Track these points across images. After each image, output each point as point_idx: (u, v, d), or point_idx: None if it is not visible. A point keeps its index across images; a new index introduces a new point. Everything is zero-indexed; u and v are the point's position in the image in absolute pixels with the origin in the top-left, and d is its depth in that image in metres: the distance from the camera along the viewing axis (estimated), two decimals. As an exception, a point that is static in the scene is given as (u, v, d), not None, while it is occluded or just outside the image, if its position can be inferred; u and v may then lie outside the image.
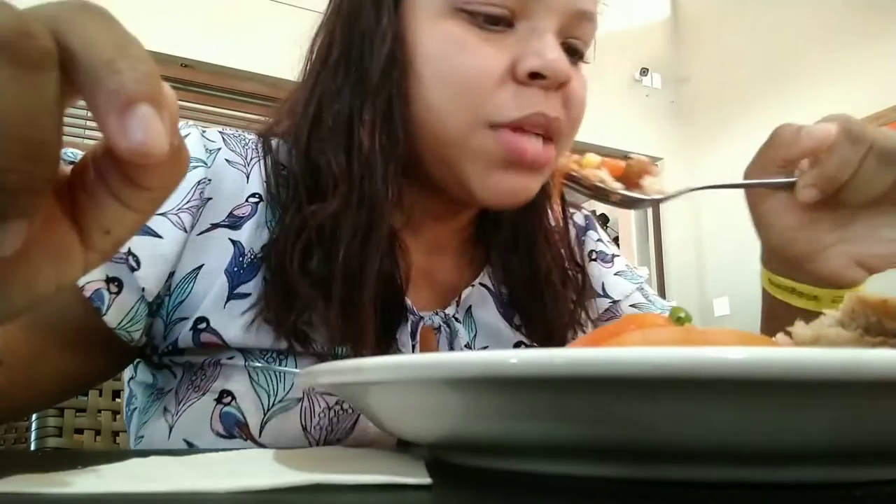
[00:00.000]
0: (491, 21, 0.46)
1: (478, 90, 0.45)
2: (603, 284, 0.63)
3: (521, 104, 0.45)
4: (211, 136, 0.50)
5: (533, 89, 0.45)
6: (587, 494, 0.22)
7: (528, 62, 0.45)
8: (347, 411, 0.46)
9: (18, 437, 1.14)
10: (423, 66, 0.46)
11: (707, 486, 0.22)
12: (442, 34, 0.46)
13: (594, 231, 0.67)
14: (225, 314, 0.44)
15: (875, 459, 0.22)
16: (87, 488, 0.18)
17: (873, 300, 0.24)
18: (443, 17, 0.46)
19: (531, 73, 0.45)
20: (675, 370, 0.18)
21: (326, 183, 0.47)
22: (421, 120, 0.47)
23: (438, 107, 0.46)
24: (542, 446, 0.23)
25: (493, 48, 0.45)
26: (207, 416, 0.44)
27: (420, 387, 0.23)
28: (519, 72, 0.45)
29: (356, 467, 0.25)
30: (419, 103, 0.47)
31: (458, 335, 0.52)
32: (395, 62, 0.46)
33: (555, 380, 0.20)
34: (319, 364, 0.27)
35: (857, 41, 3.25)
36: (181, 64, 2.89)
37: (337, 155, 0.47)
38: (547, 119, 0.46)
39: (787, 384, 0.18)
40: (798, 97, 3.47)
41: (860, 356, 0.18)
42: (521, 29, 0.46)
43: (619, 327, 0.29)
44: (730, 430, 0.20)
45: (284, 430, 0.44)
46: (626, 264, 0.66)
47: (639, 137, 3.96)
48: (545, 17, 0.46)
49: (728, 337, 0.25)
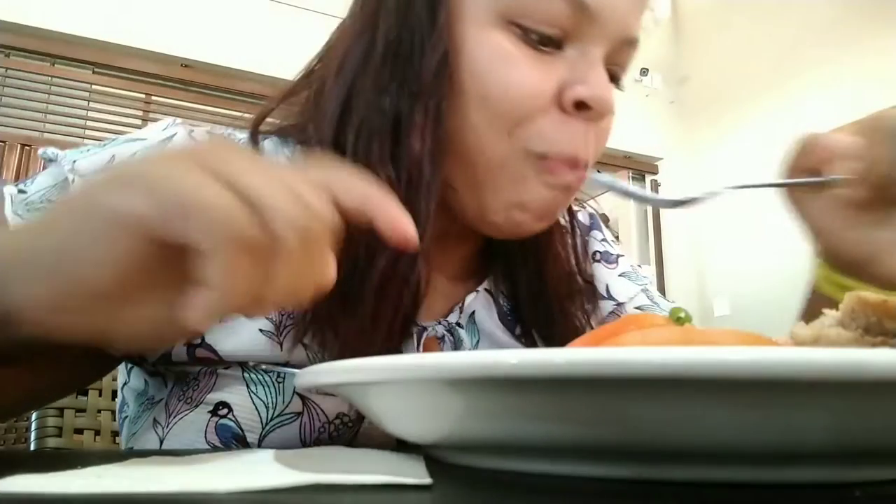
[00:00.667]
0: (542, 41, 0.43)
1: (522, 112, 0.43)
2: (607, 286, 0.61)
3: (561, 140, 0.44)
4: (199, 136, 0.49)
5: (576, 121, 0.44)
6: (587, 494, 0.22)
7: (576, 91, 0.43)
8: (348, 425, 0.45)
9: (18, 437, 1.14)
10: (466, 77, 0.44)
11: (707, 486, 0.22)
12: (491, 46, 0.43)
13: (599, 231, 0.65)
14: (219, 328, 0.42)
15: (875, 459, 0.22)
16: (87, 488, 0.18)
17: (873, 300, 0.24)
18: (493, 28, 0.43)
19: (578, 102, 0.43)
20: (675, 370, 0.18)
21: None
22: (455, 133, 0.45)
23: (477, 123, 0.44)
24: (541, 446, 0.23)
25: (543, 69, 0.43)
26: (201, 429, 0.43)
27: (420, 387, 0.23)
28: (566, 99, 0.43)
29: (356, 467, 0.25)
30: (456, 115, 0.44)
31: (462, 343, 0.51)
32: (448, 65, 0.44)
33: (555, 380, 0.20)
34: (320, 364, 0.27)
35: (857, 40, 3.25)
36: (181, 64, 2.89)
37: (384, 157, 0.44)
38: (577, 161, 0.45)
39: (787, 384, 0.18)
40: (799, 97, 3.47)
41: (860, 356, 0.18)
42: (571, 53, 0.44)
43: (619, 327, 0.29)
44: (730, 430, 0.20)
45: (284, 445, 0.43)
46: (630, 265, 0.65)
47: (639, 137, 3.96)
48: (597, 42, 0.44)
49: (728, 337, 0.25)
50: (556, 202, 0.46)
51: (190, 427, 0.43)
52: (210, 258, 0.23)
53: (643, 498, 0.21)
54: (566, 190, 0.46)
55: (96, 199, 0.25)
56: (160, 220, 0.24)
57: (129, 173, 0.25)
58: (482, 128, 0.44)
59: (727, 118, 3.89)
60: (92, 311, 0.26)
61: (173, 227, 0.23)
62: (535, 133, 0.43)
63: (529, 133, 0.43)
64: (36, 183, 0.45)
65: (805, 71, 3.46)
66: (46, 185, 0.44)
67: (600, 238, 0.65)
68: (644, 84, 4.04)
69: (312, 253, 0.26)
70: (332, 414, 0.44)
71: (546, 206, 0.46)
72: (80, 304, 0.25)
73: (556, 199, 0.46)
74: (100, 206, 0.24)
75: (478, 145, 0.44)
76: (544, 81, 0.43)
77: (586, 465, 0.23)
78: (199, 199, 0.23)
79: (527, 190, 0.45)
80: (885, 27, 3.15)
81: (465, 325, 0.53)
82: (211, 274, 0.23)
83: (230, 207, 0.24)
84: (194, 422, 0.43)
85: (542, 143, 0.44)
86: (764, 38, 3.70)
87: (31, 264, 0.26)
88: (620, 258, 0.65)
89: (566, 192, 0.46)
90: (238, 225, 0.23)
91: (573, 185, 0.46)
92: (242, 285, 0.24)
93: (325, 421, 0.44)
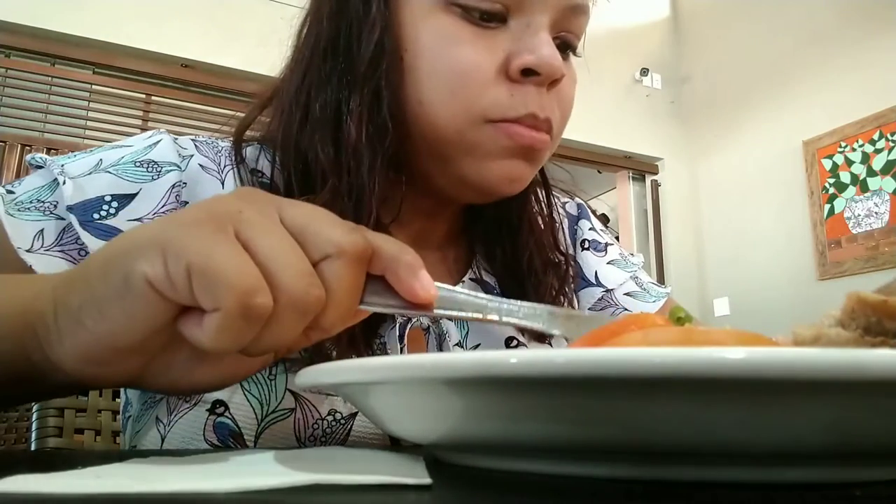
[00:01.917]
0: (485, 17, 0.45)
1: (472, 86, 0.45)
2: (596, 273, 0.63)
3: (515, 103, 0.45)
4: (183, 144, 0.50)
5: (527, 87, 0.45)
6: (587, 494, 0.22)
7: (521, 59, 0.45)
8: (340, 422, 0.46)
9: (18, 436, 1.14)
10: (415, 60, 0.46)
11: (707, 486, 0.22)
12: (435, 28, 0.46)
13: (587, 220, 0.67)
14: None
15: (875, 459, 0.22)
16: (87, 488, 0.18)
17: (873, 300, 0.24)
18: (436, 11, 0.46)
19: (525, 69, 0.45)
20: (675, 370, 0.18)
21: (316, 176, 0.47)
22: (414, 115, 0.47)
23: (431, 101, 0.46)
24: (541, 446, 0.23)
25: (487, 44, 0.45)
26: (200, 427, 0.44)
27: (420, 387, 0.23)
28: (512, 68, 0.45)
29: (356, 467, 0.25)
30: (411, 98, 0.46)
31: (448, 335, 0.52)
32: (384, 52, 0.46)
33: (555, 380, 0.20)
34: (320, 364, 0.27)
35: (858, 40, 3.25)
36: (181, 64, 2.89)
37: (325, 146, 0.47)
38: (537, 120, 0.46)
39: (787, 384, 0.18)
40: (799, 97, 3.47)
41: (860, 356, 0.18)
42: (515, 25, 0.46)
43: (620, 327, 0.29)
44: (730, 430, 0.20)
45: (279, 441, 0.44)
46: (619, 253, 0.66)
47: (639, 137, 3.96)
48: (539, 12, 0.46)
49: (728, 337, 0.25)
50: (523, 165, 0.48)
51: (190, 425, 0.44)
52: (209, 318, 0.25)
53: (643, 498, 0.21)
54: (530, 151, 0.47)
55: (116, 260, 0.26)
56: (167, 283, 0.25)
57: (146, 235, 0.26)
58: (437, 104, 0.46)
59: (727, 118, 3.89)
60: (122, 363, 0.28)
61: (180, 290, 0.25)
62: (489, 103, 0.45)
63: (483, 104, 0.45)
64: (24, 184, 0.46)
65: (805, 71, 3.46)
66: (35, 186, 0.45)
67: (588, 227, 0.66)
68: (644, 84, 4.04)
69: (303, 320, 0.27)
70: (325, 410, 0.45)
71: (512, 169, 0.47)
72: (109, 356, 0.27)
73: (522, 161, 0.47)
74: (118, 266, 0.26)
75: (436, 122, 0.46)
76: (490, 55, 0.45)
77: (586, 465, 0.23)
78: (207, 264, 0.24)
79: (491, 155, 0.46)
80: (885, 27, 3.15)
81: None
82: (206, 330, 0.25)
83: (238, 273, 0.24)
84: (194, 420, 0.44)
85: (496, 110, 0.45)
86: (765, 38, 3.70)
87: (65, 318, 0.27)
88: (609, 246, 0.66)
89: (531, 153, 0.47)
90: (244, 290, 0.24)
91: (536, 145, 0.47)
92: (231, 344, 0.25)
93: (318, 417, 0.45)
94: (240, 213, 0.27)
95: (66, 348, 0.27)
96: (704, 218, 4.01)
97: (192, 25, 2.83)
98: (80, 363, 0.27)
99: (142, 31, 2.77)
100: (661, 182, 4.09)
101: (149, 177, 0.47)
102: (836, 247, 3.30)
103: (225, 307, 0.24)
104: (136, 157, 0.48)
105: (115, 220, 0.44)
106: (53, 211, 0.44)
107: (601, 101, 3.72)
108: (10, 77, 2.67)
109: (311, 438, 0.45)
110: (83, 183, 0.45)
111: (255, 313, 0.25)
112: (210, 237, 0.25)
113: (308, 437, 0.45)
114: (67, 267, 0.43)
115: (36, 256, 0.42)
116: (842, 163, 3.31)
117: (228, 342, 0.25)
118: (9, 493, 0.17)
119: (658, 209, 4.08)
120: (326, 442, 0.45)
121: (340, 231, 0.27)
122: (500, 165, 0.47)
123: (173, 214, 0.29)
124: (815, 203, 3.42)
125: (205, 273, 0.24)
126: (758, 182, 3.67)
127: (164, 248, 0.25)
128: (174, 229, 0.26)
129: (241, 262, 0.25)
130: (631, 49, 4.00)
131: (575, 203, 0.68)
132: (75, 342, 0.27)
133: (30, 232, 0.43)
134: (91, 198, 0.44)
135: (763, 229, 3.64)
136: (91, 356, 0.27)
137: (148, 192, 0.46)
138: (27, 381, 0.30)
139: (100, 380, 0.29)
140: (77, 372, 0.28)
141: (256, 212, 0.27)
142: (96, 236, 0.43)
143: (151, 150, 0.48)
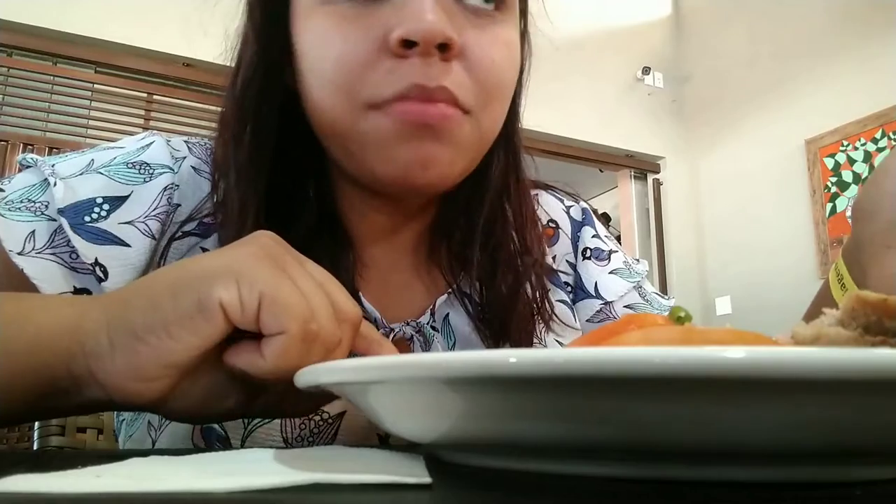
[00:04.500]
0: None
1: (347, 75, 0.42)
2: (596, 284, 0.60)
3: (393, 79, 0.41)
4: (176, 145, 0.51)
5: (411, 60, 0.41)
6: (587, 494, 0.22)
7: (396, 31, 0.40)
8: (328, 421, 0.46)
9: (21, 435, 1.14)
10: (300, 64, 0.45)
11: (707, 485, 0.22)
12: (313, 28, 0.44)
13: (590, 227, 0.64)
14: None
15: (875, 459, 0.22)
16: (87, 488, 0.18)
17: (873, 299, 0.24)
18: (316, 8, 0.43)
19: (402, 41, 0.40)
20: (675, 370, 0.18)
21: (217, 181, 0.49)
22: (314, 118, 0.46)
23: (319, 100, 0.44)
24: (541, 446, 0.23)
25: (366, 24, 0.42)
26: (188, 432, 0.44)
27: (420, 387, 0.23)
28: (391, 43, 0.41)
29: (356, 467, 0.25)
30: (307, 101, 0.45)
31: (433, 344, 0.51)
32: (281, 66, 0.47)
33: (554, 379, 0.20)
34: (320, 364, 0.27)
35: (859, 39, 3.24)
36: (184, 63, 2.89)
37: (224, 165, 0.48)
38: (428, 90, 0.41)
39: (787, 384, 0.18)
40: (801, 95, 3.46)
41: (860, 356, 0.17)
42: None
43: (620, 327, 0.29)
44: (730, 430, 0.20)
45: (266, 443, 0.44)
46: (623, 261, 0.63)
47: (641, 136, 3.96)
48: None
49: (728, 337, 0.25)
50: (430, 145, 0.42)
51: (179, 430, 0.44)
52: (274, 341, 0.30)
53: (643, 498, 0.21)
54: (430, 129, 0.42)
55: (188, 283, 0.30)
56: (238, 308, 0.29)
57: (217, 264, 0.31)
58: (327, 104, 0.44)
59: (729, 117, 3.88)
60: (163, 379, 0.30)
61: (247, 315, 0.30)
62: (369, 87, 0.42)
63: (364, 90, 0.42)
64: (14, 182, 0.46)
65: (807, 69, 3.46)
66: (26, 185, 0.45)
67: (591, 234, 0.63)
68: (646, 83, 4.04)
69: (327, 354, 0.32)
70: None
71: (418, 152, 0.42)
72: (159, 372, 0.30)
73: (425, 141, 0.42)
74: (191, 290, 0.30)
75: (332, 121, 0.44)
76: (368, 34, 0.41)
77: (586, 465, 0.23)
78: (277, 294, 0.30)
79: (388, 142, 0.42)
80: (887, 25, 3.14)
81: (440, 328, 0.52)
82: (268, 353, 0.30)
83: (299, 304, 0.30)
84: (183, 425, 0.44)
85: (377, 92, 0.41)
86: (766, 37, 3.69)
87: (121, 335, 0.30)
88: (613, 254, 0.62)
89: (434, 131, 0.42)
90: (304, 318, 0.30)
91: (431, 120, 0.42)
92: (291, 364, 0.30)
93: (305, 417, 0.45)
94: (284, 256, 0.33)
95: (117, 363, 0.30)
96: (706, 217, 4.01)
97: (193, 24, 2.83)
98: (127, 378, 0.30)
99: (144, 30, 2.77)
100: (663, 181, 4.09)
101: (141, 179, 0.47)
102: (839, 246, 3.29)
103: (290, 331, 0.29)
104: (128, 159, 0.48)
105: (105, 223, 0.44)
106: (45, 211, 0.44)
107: (603, 99, 3.72)
108: (12, 76, 2.67)
109: (299, 439, 0.45)
110: (74, 184, 0.45)
111: (310, 337, 0.30)
112: (275, 272, 0.31)
113: (295, 438, 0.45)
114: (59, 271, 0.43)
115: (28, 259, 0.42)
116: (844, 161, 3.30)
117: (289, 362, 0.30)
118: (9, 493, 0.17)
119: (660, 208, 4.07)
120: (314, 442, 0.45)
121: (347, 299, 0.34)
122: (404, 151, 0.42)
123: (229, 248, 0.33)
124: (817, 202, 3.42)
125: (276, 301, 0.30)
126: (760, 181, 3.67)
127: (238, 277, 0.30)
128: (242, 261, 0.31)
129: (300, 295, 0.31)
130: (632, 48, 3.99)
131: (580, 207, 0.65)
132: (129, 358, 0.30)
133: (21, 233, 0.42)
134: (82, 199, 0.44)
135: (765, 228, 3.64)
136: (142, 372, 0.30)
137: (140, 194, 0.46)
138: (60, 394, 0.31)
139: (132, 397, 0.31)
140: (118, 387, 0.30)
141: (293, 258, 0.33)
142: (87, 239, 0.43)
143: (144, 152, 0.48)
